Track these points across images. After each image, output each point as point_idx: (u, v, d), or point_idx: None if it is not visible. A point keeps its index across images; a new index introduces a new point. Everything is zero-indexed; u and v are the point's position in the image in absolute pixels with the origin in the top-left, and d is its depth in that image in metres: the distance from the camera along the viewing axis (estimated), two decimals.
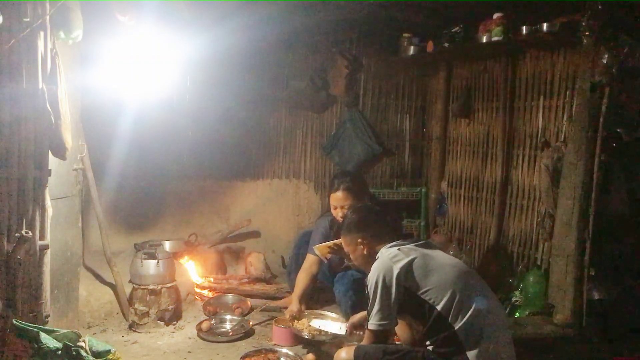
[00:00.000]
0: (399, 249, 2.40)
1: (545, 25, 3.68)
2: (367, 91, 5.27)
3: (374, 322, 2.36)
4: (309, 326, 3.28)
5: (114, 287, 3.70)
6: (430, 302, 2.28)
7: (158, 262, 3.62)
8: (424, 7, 4.22)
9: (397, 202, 5.18)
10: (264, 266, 4.59)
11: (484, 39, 4.09)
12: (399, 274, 2.31)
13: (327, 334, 3.20)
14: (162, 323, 3.59)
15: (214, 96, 4.69)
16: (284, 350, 3.18)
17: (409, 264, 2.33)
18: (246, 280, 4.41)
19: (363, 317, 2.87)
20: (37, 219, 2.68)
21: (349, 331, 3.06)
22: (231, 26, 4.01)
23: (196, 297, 4.08)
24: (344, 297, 3.58)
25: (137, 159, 4.52)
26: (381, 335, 2.40)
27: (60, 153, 2.80)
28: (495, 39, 4.00)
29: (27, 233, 2.58)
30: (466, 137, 4.90)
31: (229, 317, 3.72)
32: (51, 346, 2.45)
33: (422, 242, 2.50)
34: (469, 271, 2.47)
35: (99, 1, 3.11)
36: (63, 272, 3.17)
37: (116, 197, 4.44)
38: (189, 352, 3.26)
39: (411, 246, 2.43)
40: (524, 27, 3.83)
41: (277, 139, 5.17)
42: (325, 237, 3.54)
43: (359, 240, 2.58)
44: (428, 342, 2.34)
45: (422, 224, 5.25)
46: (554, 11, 3.67)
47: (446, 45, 4.43)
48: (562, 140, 3.80)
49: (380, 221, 2.64)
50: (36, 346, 2.43)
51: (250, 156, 5.11)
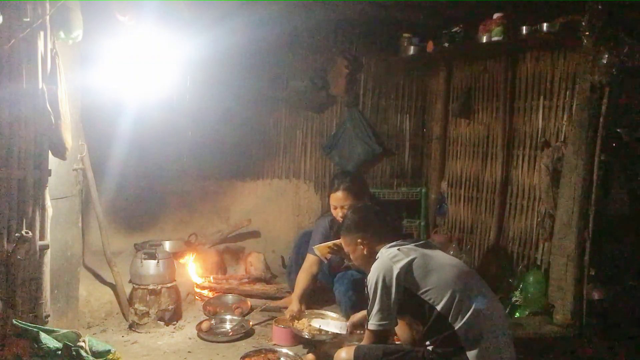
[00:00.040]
0: (398, 249, 2.41)
1: (545, 25, 3.68)
2: (367, 91, 5.27)
3: (373, 322, 2.37)
4: (309, 326, 3.28)
5: (114, 287, 3.70)
6: (430, 302, 2.28)
7: (158, 262, 3.62)
8: (424, 7, 4.22)
9: (397, 202, 5.18)
10: (264, 266, 4.59)
11: (484, 39, 4.09)
12: (398, 274, 2.31)
13: (328, 334, 3.20)
14: (162, 323, 3.59)
15: (214, 96, 4.69)
16: (284, 350, 3.18)
17: (409, 264, 2.33)
18: (246, 280, 4.41)
19: (363, 317, 2.84)
20: (37, 219, 2.68)
21: (349, 330, 3.06)
22: (231, 26, 4.02)
23: (196, 297, 4.08)
24: (344, 297, 3.58)
25: (137, 159, 4.52)
26: (381, 335, 2.40)
27: (60, 153, 2.80)
28: (495, 39, 4.00)
29: (27, 233, 2.59)
30: (466, 137, 4.90)
31: (229, 317, 3.72)
32: (51, 346, 2.45)
33: (422, 242, 2.51)
34: (469, 271, 2.48)
35: (99, 1, 3.11)
36: (63, 272, 3.17)
37: (116, 197, 4.44)
38: (189, 352, 3.26)
39: (411, 246, 2.44)
40: (524, 27, 3.83)
41: (277, 139, 5.17)
42: (325, 237, 3.54)
43: (359, 241, 2.59)
44: (428, 342, 2.35)
45: (422, 224, 5.25)
46: (554, 11, 3.67)
47: (446, 45, 4.43)
48: (562, 140, 3.81)
49: (380, 221, 2.65)
50: (36, 346, 2.43)
51: (250, 156, 5.10)
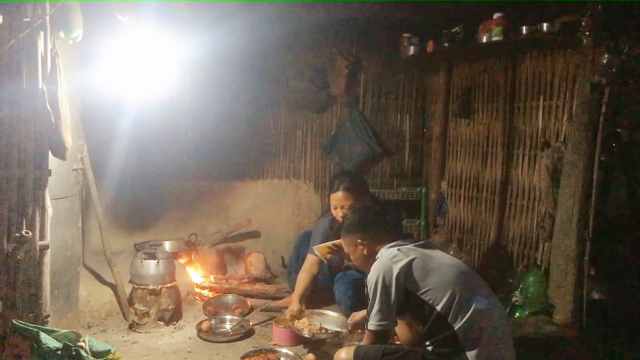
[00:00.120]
0: (398, 249, 2.41)
1: (545, 25, 3.67)
2: (367, 91, 5.26)
3: (373, 322, 2.37)
4: (309, 325, 3.27)
5: (114, 287, 3.70)
6: (430, 302, 2.28)
7: (158, 262, 3.62)
8: (424, 7, 4.22)
9: (397, 202, 5.18)
10: (264, 266, 4.59)
11: (484, 39, 4.08)
12: (398, 274, 2.31)
13: (328, 333, 3.20)
14: (162, 323, 3.59)
15: (213, 96, 4.69)
16: (284, 350, 3.18)
17: (409, 264, 2.33)
18: (246, 280, 4.41)
19: (364, 316, 2.82)
20: (37, 219, 2.68)
21: (350, 328, 3.06)
22: (231, 26, 4.01)
23: (196, 297, 4.07)
24: (344, 297, 3.58)
25: (137, 159, 4.52)
26: (381, 336, 2.41)
27: (60, 153, 2.80)
28: (495, 39, 4.00)
29: (27, 233, 2.59)
30: (466, 137, 4.90)
31: (229, 317, 3.72)
32: (51, 346, 2.45)
33: (421, 242, 2.51)
34: (469, 271, 2.47)
35: (99, 1, 3.11)
36: (63, 272, 3.17)
37: (116, 197, 4.44)
38: (189, 352, 3.26)
39: (411, 246, 2.44)
40: (524, 27, 3.82)
41: (277, 139, 5.17)
42: (325, 237, 3.54)
43: (359, 241, 2.59)
44: (428, 342, 2.35)
45: (422, 224, 5.25)
46: (554, 11, 3.67)
47: (446, 45, 4.43)
48: (562, 140, 3.80)
49: (380, 221, 2.65)
50: (36, 346, 2.43)
51: (251, 156, 5.10)
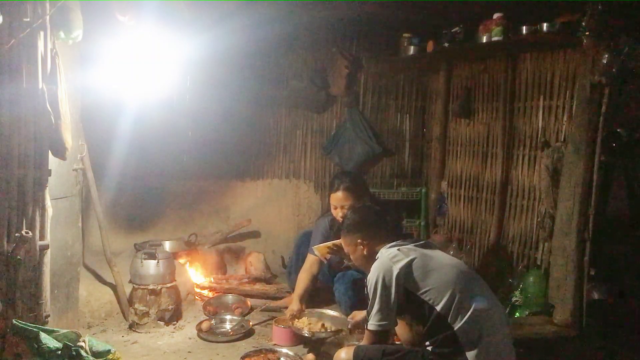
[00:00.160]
0: (398, 249, 2.40)
1: (545, 25, 3.67)
2: (367, 91, 5.27)
3: (373, 322, 2.36)
4: (309, 324, 3.28)
5: (114, 287, 3.70)
6: (430, 302, 2.28)
7: (158, 262, 3.61)
8: (424, 7, 4.22)
9: (397, 202, 5.18)
10: (264, 266, 4.59)
11: (484, 39, 4.08)
12: (398, 275, 2.31)
13: (328, 332, 3.21)
14: (162, 323, 3.59)
15: (213, 96, 4.68)
16: (284, 350, 3.18)
17: (409, 265, 2.33)
18: (246, 280, 4.40)
19: (364, 316, 2.81)
20: (37, 219, 2.68)
21: (350, 328, 3.06)
22: (231, 26, 4.02)
23: (196, 297, 4.08)
24: (344, 296, 3.58)
25: (137, 159, 4.52)
26: (381, 336, 2.40)
27: (60, 153, 2.80)
28: (495, 39, 3.99)
29: (27, 233, 2.58)
30: (466, 137, 4.90)
31: (229, 317, 3.72)
32: (51, 346, 2.45)
33: (421, 242, 2.51)
34: (469, 271, 2.47)
35: (99, 1, 3.11)
36: (63, 272, 3.17)
37: (116, 197, 4.44)
38: (189, 352, 3.26)
39: (411, 246, 2.44)
40: (524, 27, 3.82)
41: (277, 139, 5.17)
42: (325, 237, 3.54)
43: (359, 241, 2.58)
44: (427, 343, 2.34)
45: (422, 224, 5.25)
46: (554, 11, 3.67)
47: (446, 45, 4.42)
48: (562, 140, 3.80)
49: (380, 221, 2.65)
50: (36, 346, 2.43)
51: (250, 156, 5.10)
